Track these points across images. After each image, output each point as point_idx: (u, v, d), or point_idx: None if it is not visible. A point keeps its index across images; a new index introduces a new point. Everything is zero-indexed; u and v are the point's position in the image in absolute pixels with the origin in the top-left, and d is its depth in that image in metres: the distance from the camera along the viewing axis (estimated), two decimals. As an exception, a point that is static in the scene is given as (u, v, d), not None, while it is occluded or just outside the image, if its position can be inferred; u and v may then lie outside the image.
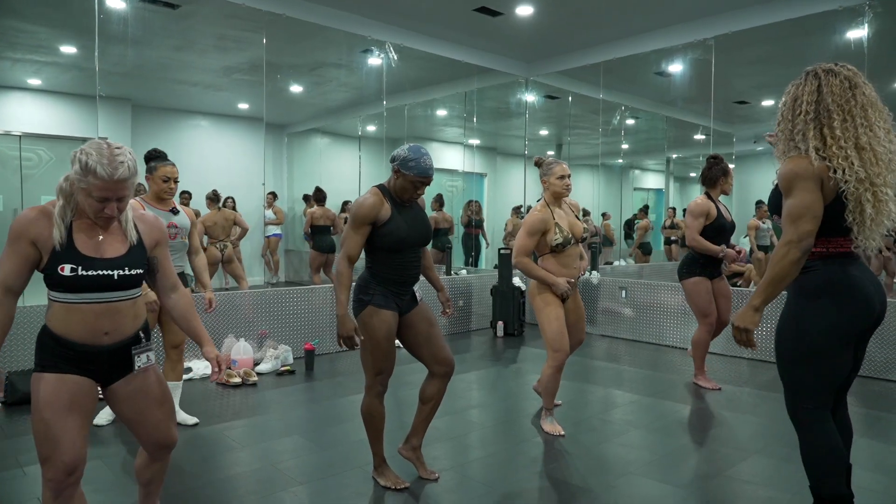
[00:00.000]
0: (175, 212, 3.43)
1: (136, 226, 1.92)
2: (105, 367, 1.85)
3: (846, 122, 1.92)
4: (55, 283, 1.77)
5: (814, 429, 2.03)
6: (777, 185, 2.03)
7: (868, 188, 1.90)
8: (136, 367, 1.91)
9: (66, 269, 1.76)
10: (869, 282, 2.01)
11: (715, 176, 4.28)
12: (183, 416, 3.55)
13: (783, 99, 2.07)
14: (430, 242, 2.81)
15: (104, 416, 3.50)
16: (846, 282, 1.98)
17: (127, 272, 1.84)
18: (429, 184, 2.60)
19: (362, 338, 2.59)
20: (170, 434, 2.01)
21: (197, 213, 5.70)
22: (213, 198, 7.51)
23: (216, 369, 2.02)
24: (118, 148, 1.75)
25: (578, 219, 3.58)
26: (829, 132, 1.93)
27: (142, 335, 1.94)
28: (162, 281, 2.04)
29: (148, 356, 1.95)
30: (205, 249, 6.81)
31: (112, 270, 1.81)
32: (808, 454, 2.06)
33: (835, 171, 1.90)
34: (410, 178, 2.54)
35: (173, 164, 3.38)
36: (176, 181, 3.36)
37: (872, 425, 3.61)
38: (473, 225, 8.82)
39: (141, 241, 1.92)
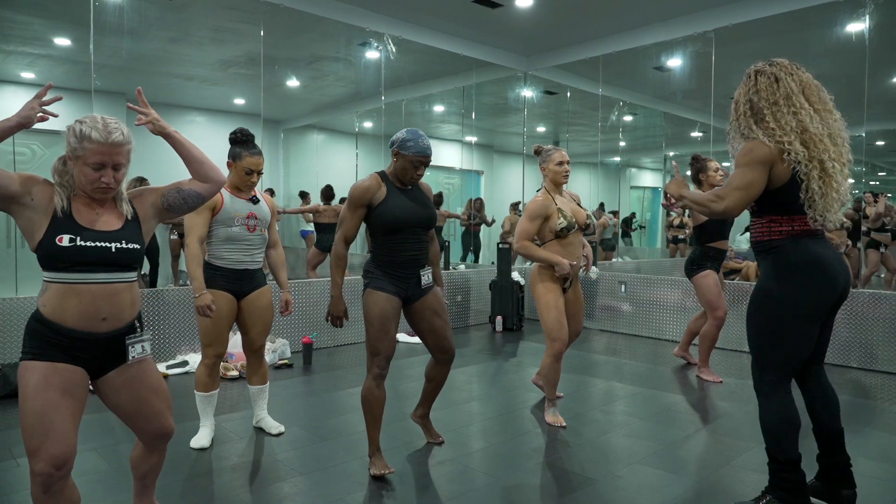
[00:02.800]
0: (255, 200, 3.06)
1: (130, 202, 1.90)
2: (99, 357, 1.80)
3: (777, 114, 2.11)
4: (52, 258, 1.72)
5: (773, 398, 2.21)
6: None
7: (816, 166, 2.07)
8: (131, 358, 1.86)
9: (65, 240, 1.72)
10: (835, 260, 2.15)
11: (694, 176, 4.40)
12: (270, 423, 3.26)
13: (735, 98, 2.26)
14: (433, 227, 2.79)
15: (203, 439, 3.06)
16: (814, 261, 2.11)
17: (124, 245, 1.80)
18: (427, 163, 2.65)
19: (347, 319, 2.72)
20: (167, 424, 1.95)
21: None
22: None
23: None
24: (112, 119, 1.78)
25: (581, 207, 3.55)
26: (765, 125, 2.13)
27: (137, 324, 1.88)
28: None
29: (143, 346, 1.90)
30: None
31: (110, 243, 1.78)
32: (767, 421, 2.23)
33: (787, 154, 2.07)
34: (409, 157, 2.61)
35: (260, 154, 2.99)
36: (260, 174, 3.01)
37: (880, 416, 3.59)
38: (474, 222, 8.79)
39: (136, 217, 1.89)
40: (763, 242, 2.21)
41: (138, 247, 1.85)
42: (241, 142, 2.99)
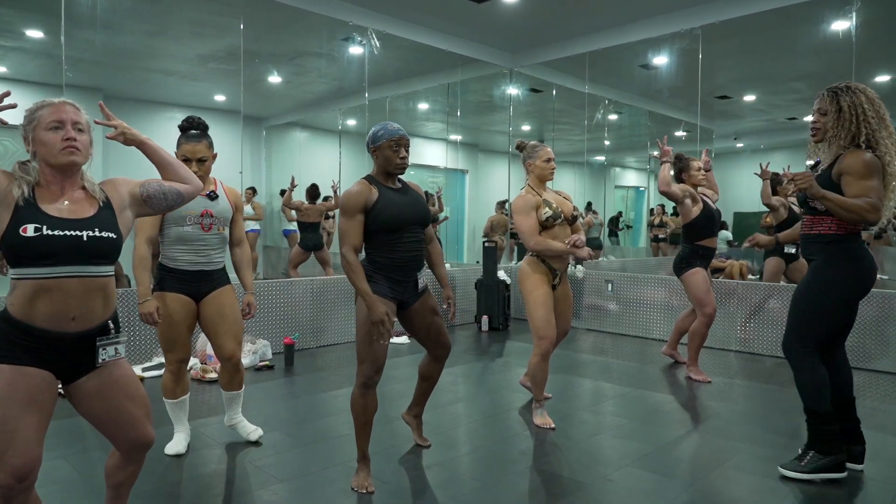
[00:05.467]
0: (212, 196, 2.82)
1: (101, 189, 1.79)
2: (68, 359, 1.67)
3: (889, 127, 2.52)
4: (17, 251, 1.60)
5: (807, 361, 2.61)
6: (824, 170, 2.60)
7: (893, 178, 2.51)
8: (100, 360, 1.73)
9: (30, 230, 1.60)
10: (870, 255, 2.61)
11: (676, 174, 4.37)
12: (246, 427, 3.06)
13: (833, 107, 2.56)
14: (429, 224, 2.71)
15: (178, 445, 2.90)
16: (864, 254, 2.57)
17: (97, 234, 1.68)
18: (405, 143, 2.58)
19: (395, 320, 2.54)
20: (145, 432, 1.82)
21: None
22: None
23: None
24: None
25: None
26: (886, 133, 2.50)
27: (111, 325, 1.76)
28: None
29: (116, 349, 1.77)
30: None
31: (81, 231, 1.65)
32: (804, 380, 2.63)
33: (887, 165, 2.48)
34: (385, 144, 2.55)
35: (199, 140, 2.76)
36: (201, 161, 2.75)
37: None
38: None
39: (109, 203, 1.77)
40: (828, 235, 2.58)
41: (114, 236, 1.72)
42: (182, 129, 2.81)
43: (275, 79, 8.05)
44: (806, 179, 2.43)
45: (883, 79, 6.47)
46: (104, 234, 1.69)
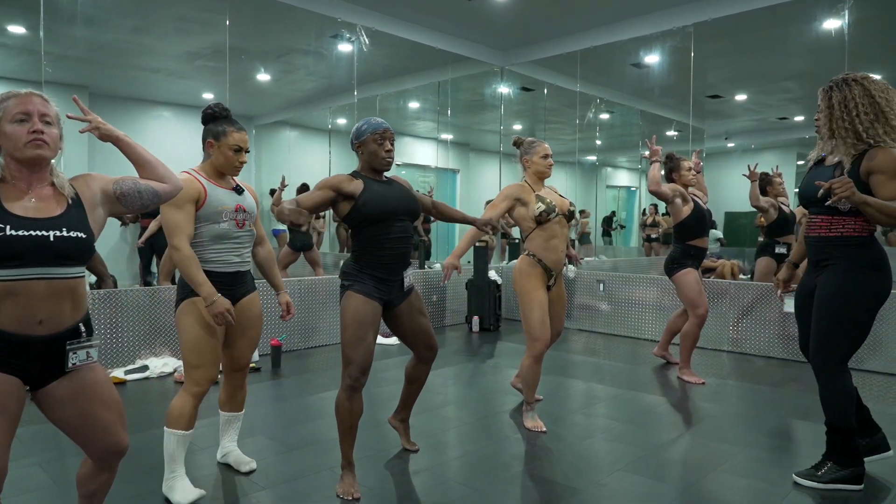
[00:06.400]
0: (239, 191, 2.54)
1: (72, 185, 1.70)
2: (37, 364, 1.59)
3: (890, 121, 2.37)
4: None
5: (838, 377, 2.47)
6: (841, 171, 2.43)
7: None
8: (70, 365, 1.64)
9: None
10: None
11: (667, 174, 4.32)
12: (240, 458, 2.72)
13: (825, 103, 2.49)
14: (417, 216, 2.66)
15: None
16: (885, 257, 2.46)
17: (65, 233, 1.58)
18: (390, 137, 2.53)
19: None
20: (119, 439, 1.74)
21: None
22: None
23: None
24: None
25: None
26: (883, 129, 2.36)
27: (82, 328, 1.68)
28: None
29: (88, 353, 1.68)
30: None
31: (47, 231, 1.56)
32: (833, 397, 2.49)
33: None
34: (370, 138, 2.52)
35: (244, 129, 2.54)
36: (247, 152, 2.54)
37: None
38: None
39: (79, 200, 1.68)
40: (853, 238, 2.44)
41: (83, 236, 1.63)
42: (220, 117, 2.51)
43: (263, 77, 7.95)
44: (846, 187, 2.21)
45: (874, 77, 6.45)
46: (72, 234, 1.60)
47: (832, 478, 2.52)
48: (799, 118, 9.48)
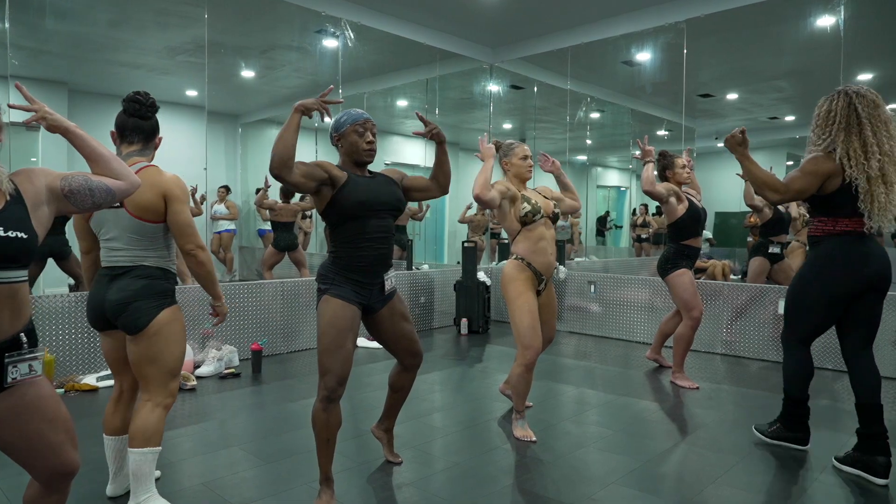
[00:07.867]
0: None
1: (11, 181, 1.53)
2: None
3: (876, 131, 2.54)
4: None
5: (794, 353, 2.84)
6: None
7: (881, 183, 2.51)
8: (9, 380, 1.48)
9: None
10: (870, 255, 2.61)
11: (660, 172, 4.23)
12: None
13: (818, 111, 2.69)
14: (402, 210, 2.52)
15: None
16: (842, 256, 2.63)
17: (2, 233, 1.42)
18: (372, 127, 2.41)
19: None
20: (68, 460, 1.59)
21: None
22: None
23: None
24: None
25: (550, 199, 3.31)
26: (859, 138, 2.54)
27: (24, 339, 1.51)
28: None
29: (31, 366, 1.52)
30: None
31: None
32: (787, 369, 2.87)
33: (848, 169, 2.53)
34: (350, 129, 2.39)
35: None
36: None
37: None
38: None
39: (20, 197, 1.52)
40: (812, 237, 2.76)
41: (24, 236, 1.46)
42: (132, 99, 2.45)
43: (247, 73, 7.76)
44: (735, 137, 2.68)
45: (866, 77, 6.38)
46: (10, 234, 1.44)
47: (778, 436, 2.97)
48: (790, 118, 9.42)
